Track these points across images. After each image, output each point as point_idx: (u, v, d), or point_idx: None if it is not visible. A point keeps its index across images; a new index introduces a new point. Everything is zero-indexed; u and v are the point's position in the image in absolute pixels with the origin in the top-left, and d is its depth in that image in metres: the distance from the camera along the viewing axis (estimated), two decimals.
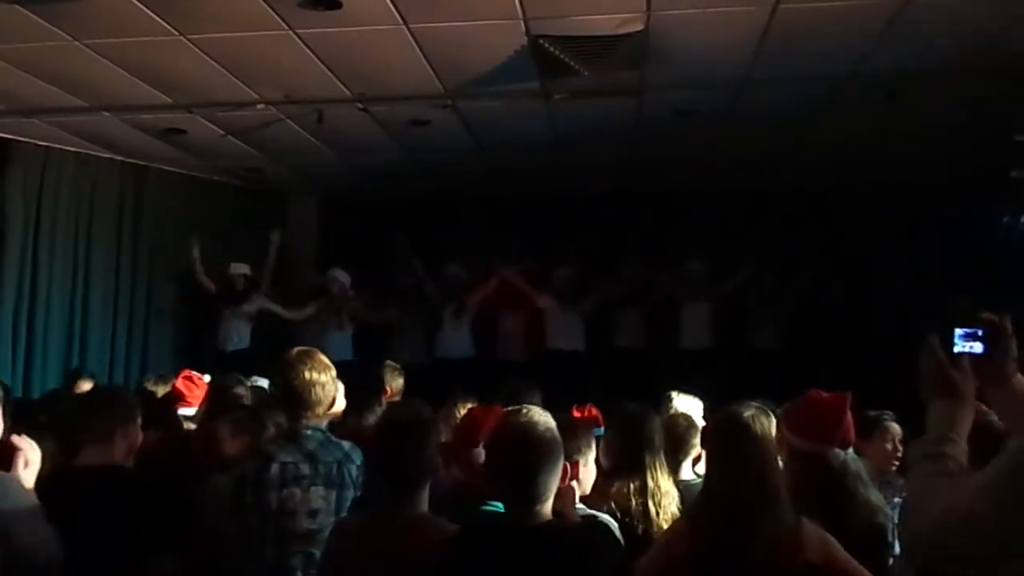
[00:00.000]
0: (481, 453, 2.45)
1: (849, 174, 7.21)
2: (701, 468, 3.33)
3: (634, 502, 2.87)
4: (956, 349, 1.54)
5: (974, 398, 1.55)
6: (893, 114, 5.33)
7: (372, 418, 3.48)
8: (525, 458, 1.98)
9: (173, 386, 4.23)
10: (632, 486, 2.89)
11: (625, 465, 2.93)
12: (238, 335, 7.23)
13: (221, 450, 3.14)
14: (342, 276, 7.45)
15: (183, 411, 3.99)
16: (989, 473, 1.35)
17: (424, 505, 2.25)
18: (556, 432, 2.05)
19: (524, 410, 2.09)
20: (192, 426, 3.95)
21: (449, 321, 7.45)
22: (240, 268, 7.35)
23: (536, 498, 1.99)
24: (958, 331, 1.54)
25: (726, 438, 2.23)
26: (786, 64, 4.64)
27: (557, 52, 4.46)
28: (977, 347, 1.53)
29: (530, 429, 2.02)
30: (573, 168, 7.15)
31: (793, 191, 7.52)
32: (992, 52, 4.43)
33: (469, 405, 3.72)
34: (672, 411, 3.74)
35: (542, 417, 2.08)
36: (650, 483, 2.91)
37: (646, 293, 7.55)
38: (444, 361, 7.36)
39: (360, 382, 3.75)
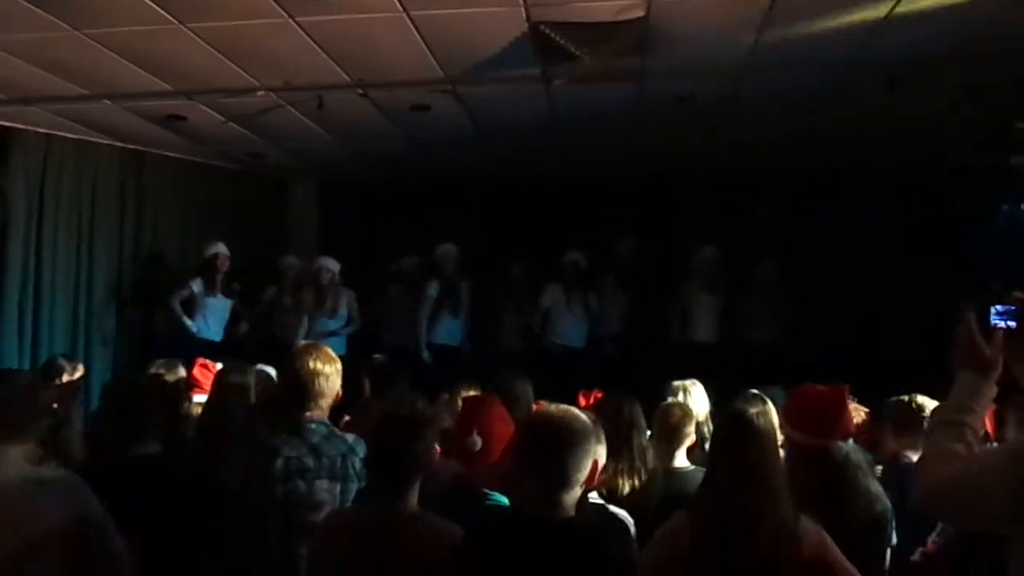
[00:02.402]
0: (477, 441, 2.48)
1: (848, 160, 7.17)
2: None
3: (620, 482, 3.05)
4: (991, 323, 1.65)
5: (1000, 373, 1.66)
6: (893, 99, 5.31)
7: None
8: (558, 444, 2.00)
9: (189, 373, 4.28)
10: (620, 467, 3.05)
11: (614, 449, 3.00)
12: (217, 324, 7.07)
13: None
14: (332, 265, 7.23)
15: (197, 398, 4.04)
16: (1004, 448, 1.49)
17: (414, 500, 2.27)
18: (590, 427, 2.09)
19: (560, 405, 2.14)
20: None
21: (446, 310, 7.33)
22: (220, 249, 7.07)
23: (562, 485, 1.99)
24: (994, 308, 1.65)
25: (727, 435, 2.27)
26: (787, 50, 4.63)
27: (557, 38, 4.45)
28: (1011, 324, 1.63)
29: (566, 416, 2.07)
30: (574, 153, 7.13)
31: (793, 176, 7.48)
32: (993, 38, 4.42)
33: (472, 393, 3.77)
34: (684, 401, 3.76)
35: (577, 411, 2.14)
36: (637, 463, 3.10)
37: (637, 278, 7.36)
38: (440, 348, 7.24)
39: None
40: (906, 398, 3.56)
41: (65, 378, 4.81)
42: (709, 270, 7.09)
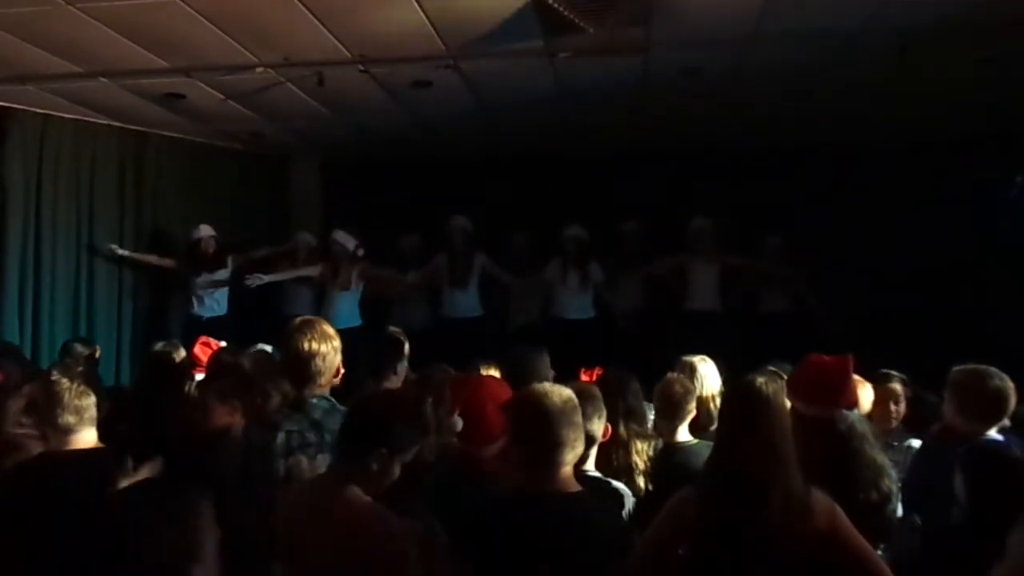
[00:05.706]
0: (457, 422, 2.52)
1: (858, 133, 7.10)
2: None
3: (616, 456, 3.04)
4: None
5: None
6: (905, 70, 5.22)
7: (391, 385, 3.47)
8: (543, 419, 2.04)
9: (191, 352, 4.24)
10: (617, 441, 3.03)
11: (611, 423, 3.00)
12: (216, 302, 7.08)
13: (210, 421, 3.15)
14: (344, 239, 7.23)
15: (200, 376, 4.01)
16: None
17: (360, 480, 2.21)
18: (575, 402, 2.12)
19: (544, 383, 2.18)
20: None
21: (456, 284, 7.34)
22: (207, 231, 7.10)
23: (552, 460, 2.04)
24: None
25: (738, 407, 2.23)
26: (795, 18, 4.54)
27: (560, 9, 4.37)
28: None
29: (550, 392, 2.10)
30: (578, 128, 7.06)
31: (801, 150, 7.41)
32: (1006, 5, 4.32)
33: (492, 370, 3.72)
34: (694, 376, 3.70)
35: (562, 388, 2.17)
36: (632, 437, 3.09)
37: (645, 255, 7.39)
38: (452, 321, 7.27)
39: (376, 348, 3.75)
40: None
41: None
42: (702, 238, 7.12)
